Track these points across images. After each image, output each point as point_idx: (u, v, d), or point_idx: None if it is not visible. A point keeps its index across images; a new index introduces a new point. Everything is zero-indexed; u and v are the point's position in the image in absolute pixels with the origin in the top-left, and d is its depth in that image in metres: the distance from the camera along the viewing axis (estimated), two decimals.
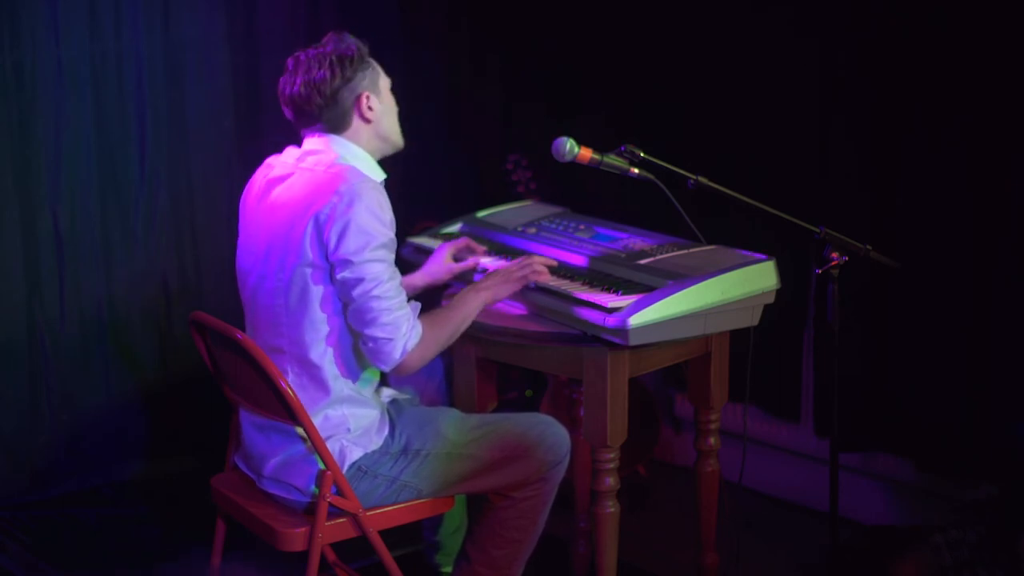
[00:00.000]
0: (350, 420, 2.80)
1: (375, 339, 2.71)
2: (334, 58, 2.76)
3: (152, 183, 4.16)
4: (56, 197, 4.00)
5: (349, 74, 2.77)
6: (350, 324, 2.74)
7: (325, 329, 2.75)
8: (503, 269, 3.01)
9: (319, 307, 2.74)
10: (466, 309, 2.89)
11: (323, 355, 2.76)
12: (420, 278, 3.22)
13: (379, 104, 2.83)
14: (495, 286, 2.96)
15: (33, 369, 4.04)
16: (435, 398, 3.25)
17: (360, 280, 2.67)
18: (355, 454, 2.79)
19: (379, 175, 2.84)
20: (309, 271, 2.71)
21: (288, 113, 2.84)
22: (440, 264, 3.25)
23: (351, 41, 2.81)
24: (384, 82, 2.87)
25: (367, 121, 2.82)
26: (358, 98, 2.80)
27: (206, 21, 4.20)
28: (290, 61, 2.80)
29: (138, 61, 4.08)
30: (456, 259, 3.27)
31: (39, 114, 3.95)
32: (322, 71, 2.75)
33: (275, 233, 2.75)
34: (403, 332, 2.72)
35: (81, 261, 4.07)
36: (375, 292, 2.68)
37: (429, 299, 2.98)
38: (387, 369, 2.77)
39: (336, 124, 2.81)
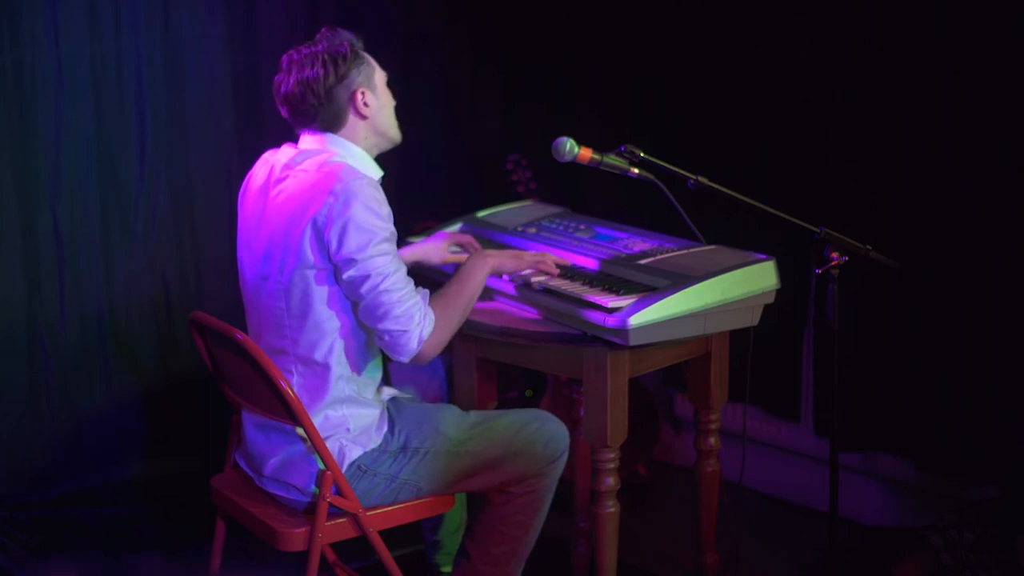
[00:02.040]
0: (350, 420, 2.80)
1: (390, 332, 2.71)
2: (327, 56, 2.75)
3: (152, 183, 4.16)
4: (56, 197, 4.00)
5: (343, 71, 2.76)
6: (362, 321, 2.74)
7: (329, 329, 2.75)
8: (515, 251, 3.03)
9: (323, 308, 2.73)
10: (474, 280, 2.88)
11: (328, 355, 2.76)
12: (411, 254, 3.20)
13: (375, 99, 2.82)
14: (502, 256, 2.97)
15: (33, 369, 4.04)
16: (438, 396, 3.25)
17: (367, 277, 2.67)
18: (354, 453, 2.79)
19: (376, 172, 2.83)
20: (311, 273, 2.71)
21: (284, 112, 2.84)
22: (436, 248, 3.24)
23: (344, 37, 2.79)
24: (379, 76, 2.85)
25: (363, 117, 2.81)
26: (353, 95, 2.79)
27: (206, 21, 4.20)
28: (284, 59, 2.80)
29: (138, 61, 4.08)
30: (453, 252, 3.28)
31: (39, 114, 3.95)
32: (315, 70, 2.74)
33: (274, 235, 2.75)
34: (417, 321, 2.71)
35: (81, 261, 4.07)
36: (383, 286, 2.68)
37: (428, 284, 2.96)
38: (406, 360, 2.75)
39: (332, 122, 2.80)
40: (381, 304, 2.69)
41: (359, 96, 2.79)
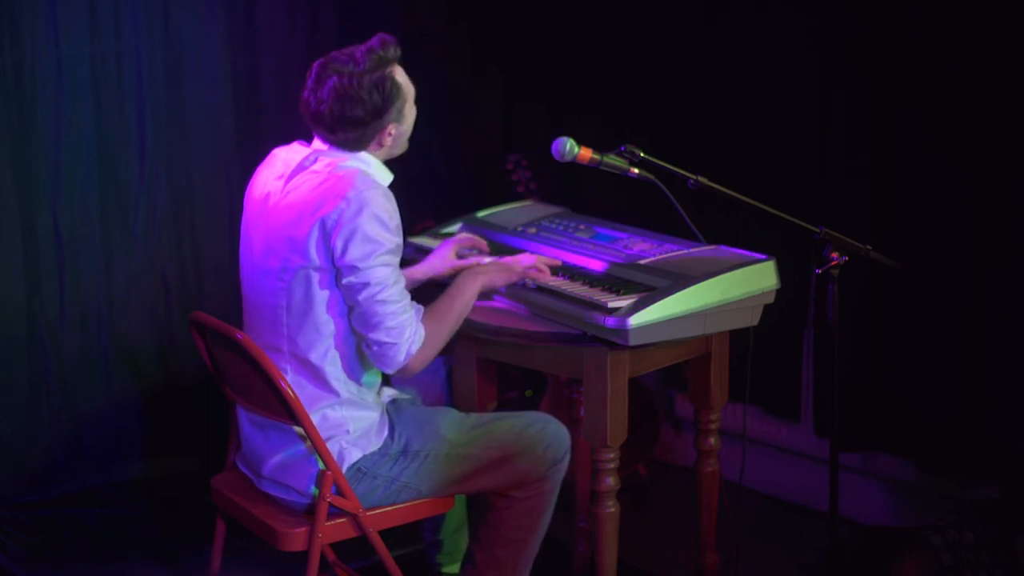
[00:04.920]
0: (349, 422, 2.79)
1: (379, 343, 2.71)
2: (367, 93, 2.70)
3: (152, 183, 4.16)
4: (56, 197, 4.00)
5: (381, 110, 2.74)
6: (354, 327, 2.74)
7: (328, 331, 2.75)
8: (506, 261, 3.03)
9: (323, 310, 2.73)
10: (464, 298, 2.89)
11: (323, 356, 2.76)
12: (421, 271, 3.20)
13: (399, 129, 2.82)
14: (493, 273, 2.97)
15: (33, 369, 4.03)
16: (439, 397, 3.25)
17: (366, 285, 2.68)
18: (354, 455, 2.79)
19: (387, 177, 2.83)
20: (316, 275, 2.71)
21: (307, 118, 2.79)
22: (443, 259, 3.23)
23: (388, 59, 2.76)
24: (410, 101, 2.83)
25: (381, 146, 2.82)
26: (381, 131, 2.79)
27: (206, 21, 4.19)
28: (316, 67, 2.74)
29: (138, 61, 4.08)
30: (459, 256, 3.27)
31: (39, 114, 3.94)
32: (354, 109, 2.70)
33: (278, 233, 2.74)
34: (407, 336, 2.72)
35: (81, 261, 4.07)
36: (380, 296, 2.68)
37: (428, 295, 2.97)
38: (391, 372, 2.77)
39: (351, 145, 2.79)
40: (375, 313, 2.69)
41: (386, 132, 2.79)
